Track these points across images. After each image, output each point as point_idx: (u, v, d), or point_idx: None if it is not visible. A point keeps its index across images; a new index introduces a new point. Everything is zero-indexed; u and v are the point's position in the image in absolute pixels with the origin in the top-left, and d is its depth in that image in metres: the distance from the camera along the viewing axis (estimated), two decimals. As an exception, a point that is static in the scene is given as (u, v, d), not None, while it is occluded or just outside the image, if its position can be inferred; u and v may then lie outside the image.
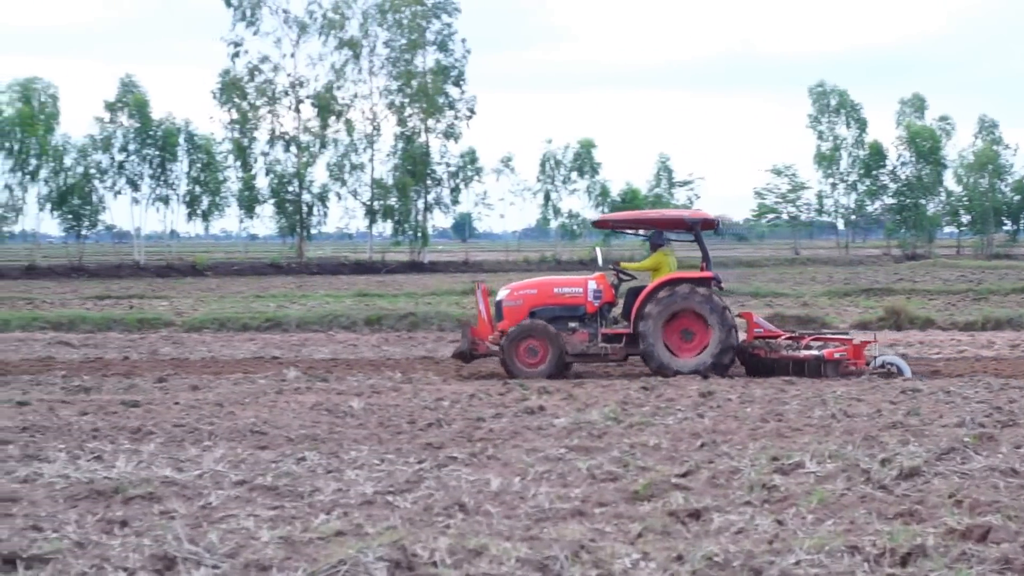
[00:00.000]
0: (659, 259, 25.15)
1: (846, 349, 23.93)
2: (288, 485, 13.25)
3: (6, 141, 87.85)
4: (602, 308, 24.84)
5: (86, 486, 13.06)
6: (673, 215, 26.65)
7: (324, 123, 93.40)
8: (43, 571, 9.97)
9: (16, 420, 17.86)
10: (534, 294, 25.04)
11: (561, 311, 24.79)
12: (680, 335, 24.17)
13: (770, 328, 25.39)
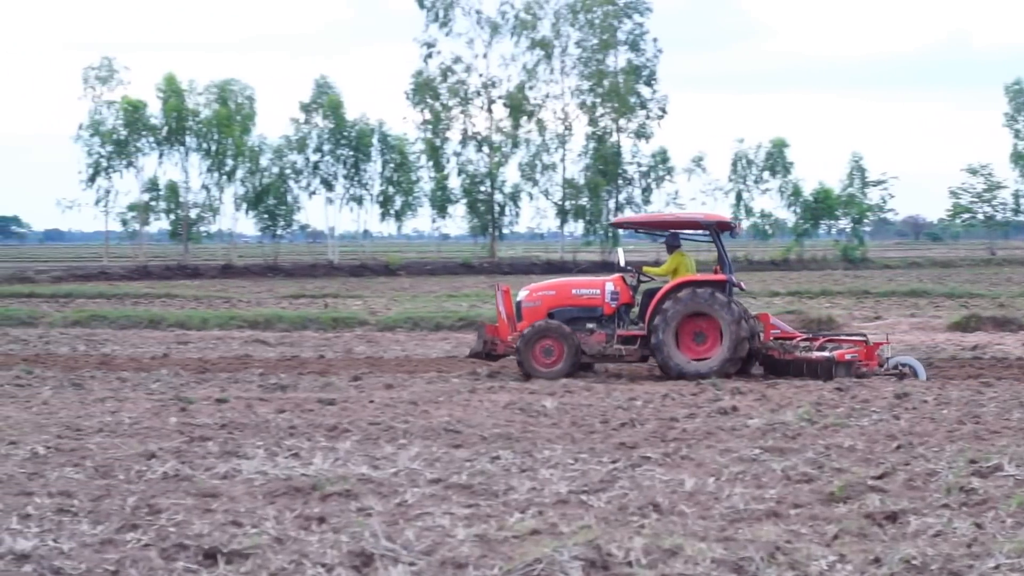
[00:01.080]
0: (677, 261, 25.28)
1: (858, 350, 23.85)
2: (483, 483, 13.31)
3: (204, 142, 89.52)
4: (620, 309, 24.86)
5: (284, 483, 13.27)
6: (688, 217, 27.12)
7: (516, 123, 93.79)
8: (243, 566, 10.14)
9: (215, 417, 18.21)
10: (553, 295, 25.20)
11: (579, 312, 24.91)
12: (693, 337, 24.14)
13: (787, 329, 25.31)
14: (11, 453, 15.10)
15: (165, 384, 22.86)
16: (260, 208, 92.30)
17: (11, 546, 10.41)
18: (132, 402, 20.14)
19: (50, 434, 16.58)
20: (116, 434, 16.71)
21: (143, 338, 33.43)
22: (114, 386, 22.55)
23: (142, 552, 10.41)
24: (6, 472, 13.88)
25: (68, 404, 19.88)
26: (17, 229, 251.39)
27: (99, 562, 10.13)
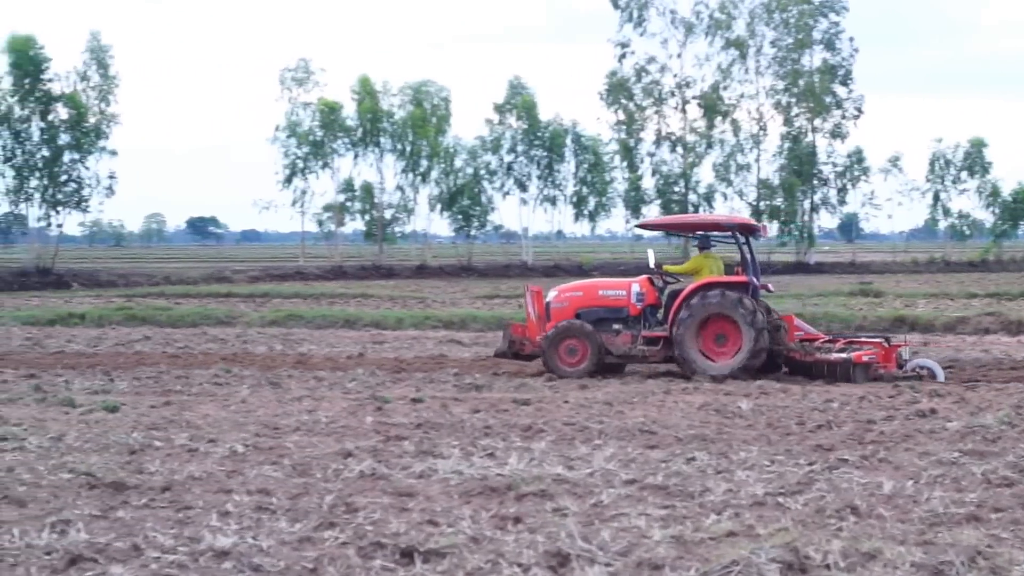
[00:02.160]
0: (699, 262, 25.42)
1: (875, 352, 23.78)
2: (678, 485, 13.22)
3: (398, 143, 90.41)
4: (645, 310, 25.01)
5: (480, 482, 13.30)
6: (711, 219, 26.95)
7: (710, 123, 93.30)
8: (440, 565, 10.17)
9: (411, 417, 18.33)
10: (580, 296, 25.48)
11: (605, 313, 25.11)
12: (714, 339, 24.16)
13: (811, 331, 25.30)
14: (210, 451, 15.35)
15: (361, 383, 23.08)
16: (454, 209, 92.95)
17: (211, 543, 10.58)
18: (329, 401, 20.36)
19: (248, 432, 16.83)
20: (313, 433, 16.90)
21: (339, 338, 33.81)
22: (311, 385, 22.82)
23: (340, 550, 10.51)
24: (206, 470, 14.10)
25: (266, 403, 20.17)
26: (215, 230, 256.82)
27: (297, 560, 10.24)
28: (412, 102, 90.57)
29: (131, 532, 11.05)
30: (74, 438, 16.16)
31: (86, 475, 13.56)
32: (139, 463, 14.42)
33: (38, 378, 23.59)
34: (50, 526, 11.21)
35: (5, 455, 14.97)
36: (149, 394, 21.53)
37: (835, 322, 35.73)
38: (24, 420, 17.79)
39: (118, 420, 17.92)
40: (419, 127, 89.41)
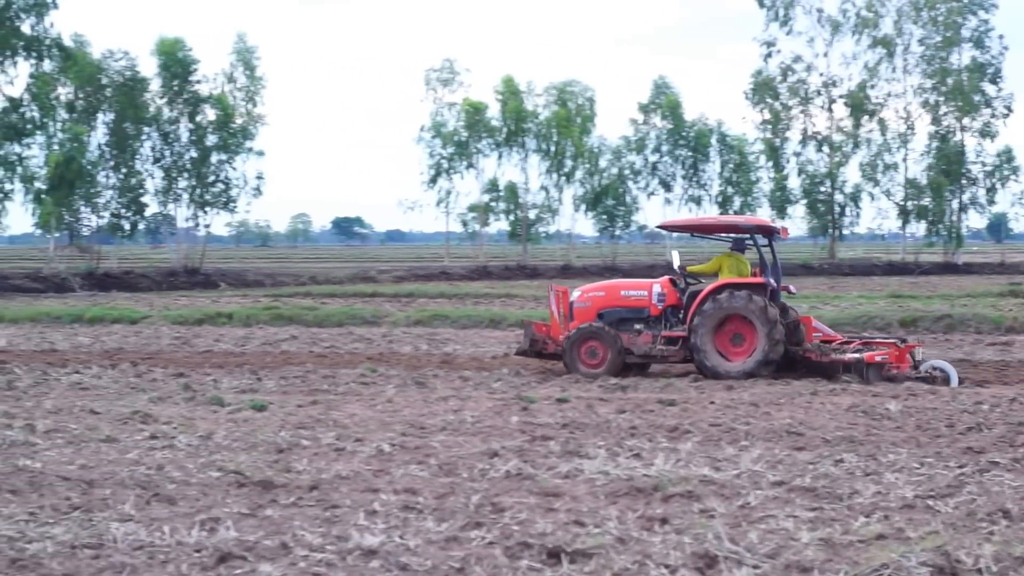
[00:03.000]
0: (720, 262, 25.45)
1: (888, 353, 23.84)
2: (826, 487, 13.09)
3: (543, 143, 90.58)
4: (666, 310, 25.16)
5: (626, 483, 13.25)
6: (730, 221, 27.44)
7: (857, 122, 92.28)
8: (587, 565, 10.15)
9: (556, 417, 18.32)
10: (602, 296, 25.69)
11: (627, 313, 25.32)
12: (731, 339, 24.31)
13: (828, 332, 25.36)
14: (357, 450, 15.45)
15: (506, 383, 23.14)
16: (598, 209, 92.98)
17: (359, 542, 10.64)
18: (474, 401, 20.43)
19: (395, 432, 16.92)
20: (459, 432, 16.95)
21: (484, 337, 33.89)
22: (456, 385, 22.90)
23: (487, 550, 10.52)
24: (353, 469, 14.20)
25: (412, 402, 20.27)
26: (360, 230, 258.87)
27: (444, 559, 10.27)
28: (557, 102, 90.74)
29: (279, 530, 11.15)
30: (223, 437, 16.35)
31: (235, 473, 13.72)
32: (287, 462, 14.56)
33: (187, 377, 23.93)
34: (200, 524, 11.35)
35: (155, 453, 15.19)
36: (296, 393, 21.74)
37: (984, 323, 35.23)
38: (174, 419, 18.05)
39: (266, 419, 18.11)
40: (564, 127, 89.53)
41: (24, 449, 15.44)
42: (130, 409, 18.90)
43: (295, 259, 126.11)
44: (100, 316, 41.01)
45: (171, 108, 79.01)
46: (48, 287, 65.37)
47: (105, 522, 11.44)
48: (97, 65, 77.10)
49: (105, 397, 20.88)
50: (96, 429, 16.90)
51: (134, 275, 73.66)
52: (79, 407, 19.30)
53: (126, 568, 10.04)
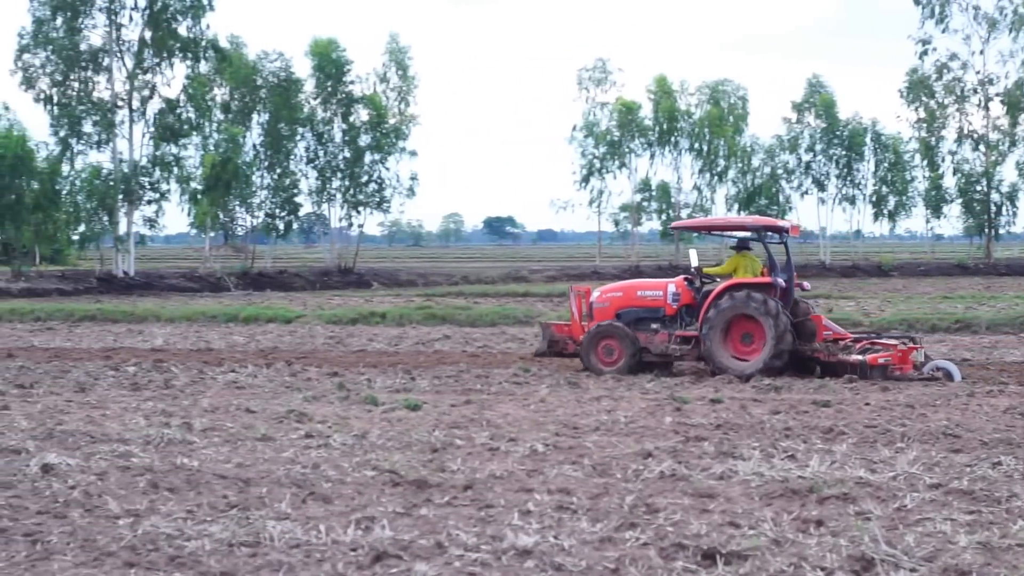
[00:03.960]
0: (735, 262, 25.83)
1: (891, 354, 24.02)
2: (984, 490, 12.90)
3: (695, 142, 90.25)
4: (681, 310, 25.53)
5: (780, 484, 13.16)
6: (738, 221, 27.95)
7: (1013, 121, 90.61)
8: (742, 567, 10.09)
9: (710, 417, 18.25)
10: (620, 296, 26.21)
11: (644, 312, 25.76)
12: (741, 338, 24.66)
13: (839, 331, 25.49)
14: (511, 450, 15.48)
15: (659, 384, 23.07)
16: (751, 208, 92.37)
17: (513, 542, 10.66)
18: (627, 401, 20.39)
19: (548, 432, 16.93)
20: (612, 433, 16.93)
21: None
22: (609, 385, 22.87)
23: (641, 551, 10.50)
24: (506, 469, 14.23)
25: (565, 402, 20.29)
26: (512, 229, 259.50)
27: (599, 560, 10.26)
28: (709, 101, 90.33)
29: (434, 530, 11.21)
30: (377, 436, 16.48)
31: (389, 472, 13.82)
32: (441, 461, 14.63)
33: (341, 376, 24.16)
34: (355, 522, 11.45)
35: (311, 452, 15.34)
36: (449, 393, 21.85)
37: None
38: (328, 418, 18.23)
39: (420, 418, 18.22)
40: (716, 126, 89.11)
41: (182, 447, 15.68)
42: (285, 408, 19.15)
43: (447, 259, 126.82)
44: (255, 315, 41.56)
45: (325, 108, 79.83)
46: (204, 286, 66.43)
47: (262, 520, 11.57)
48: (252, 66, 78.15)
49: (261, 396, 21.15)
50: (252, 428, 17.12)
51: (288, 274, 74.59)
52: (235, 406, 19.57)
53: (283, 566, 10.15)
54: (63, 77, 68.49)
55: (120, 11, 68.79)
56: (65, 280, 65.46)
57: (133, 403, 20.06)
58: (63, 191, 69.55)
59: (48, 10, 68.12)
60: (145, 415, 18.41)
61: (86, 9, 68.49)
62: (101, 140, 69.30)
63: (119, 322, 41.26)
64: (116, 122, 69.11)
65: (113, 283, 65.77)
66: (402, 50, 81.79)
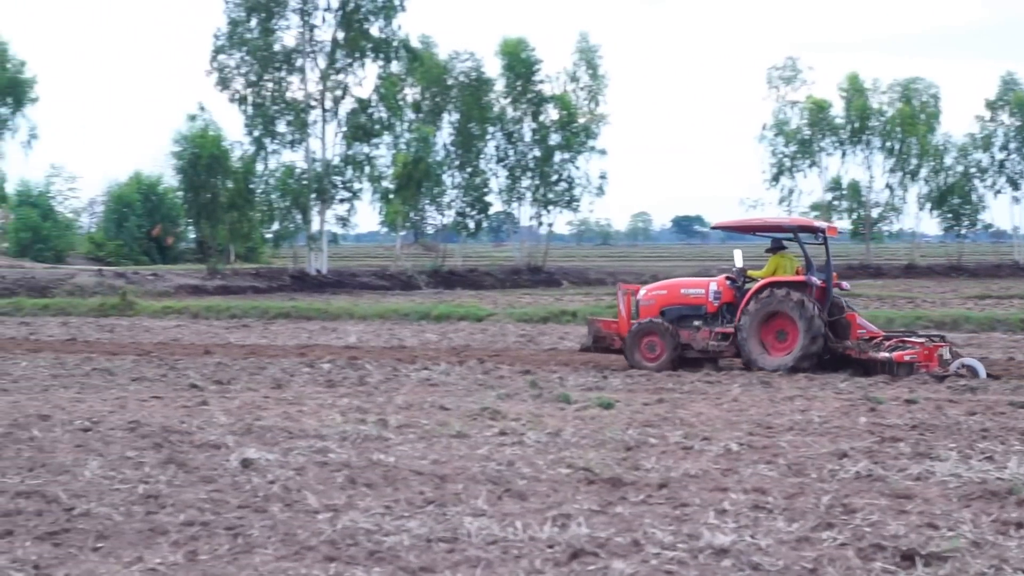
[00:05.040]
0: (776, 263, 26.48)
1: (917, 351, 24.53)
2: None
3: (887, 141, 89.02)
4: (722, 308, 26.23)
5: (979, 486, 12.99)
6: (774, 221, 28.67)
7: None
8: (941, 569, 9.99)
9: (905, 418, 18.05)
10: (664, 294, 27.00)
11: (687, 310, 26.51)
12: (775, 335, 25.30)
13: (872, 329, 26.06)
14: (705, 449, 15.47)
15: (853, 383, 22.84)
16: (944, 208, 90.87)
17: (710, 540, 10.66)
18: (820, 401, 20.24)
19: (741, 431, 16.88)
20: (806, 432, 16.82)
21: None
22: (802, 385, 22.71)
23: (839, 551, 10.43)
24: (701, 468, 14.22)
25: (757, 402, 20.21)
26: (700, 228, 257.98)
27: (796, 559, 10.21)
28: (901, 99, 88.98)
29: (630, 528, 11.24)
30: (571, 434, 16.54)
31: (584, 470, 13.88)
32: (635, 460, 14.66)
33: (533, 374, 24.31)
34: (551, 520, 11.51)
35: (505, 449, 15.45)
36: (642, 392, 21.88)
37: None
38: (522, 415, 18.33)
39: (613, 417, 18.26)
40: (908, 125, 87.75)
41: (378, 444, 15.88)
42: (479, 405, 19.29)
43: (635, 258, 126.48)
44: (447, 313, 41.92)
45: (515, 108, 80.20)
46: (395, 284, 67.19)
47: (458, 516, 11.69)
48: (443, 66, 78.78)
49: (454, 393, 21.35)
50: (447, 425, 17.29)
51: (478, 273, 75.13)
52: (429, 403, 19.79)
53: (480, 562, 10.24)
54: (257, 77, 69.77)
55: (313, 12, 69.96)
56: (259, 278, 66.69)
57: (329, 399, 20.38)
58: (257, 190, 70.89)
59: (243, 11, 69.46)
60: (341, 411, 18.68)
61: (280, 10, 69.72)
62: (294, 140, 70.48)
63: (313, 319, 41.93)
64: (309, 122, 70.24)
65: (306, 281, 66.82)
66: (592, 49, 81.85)
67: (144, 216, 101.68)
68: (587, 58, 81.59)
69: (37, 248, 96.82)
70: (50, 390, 22.18)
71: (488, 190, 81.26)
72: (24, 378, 24.18)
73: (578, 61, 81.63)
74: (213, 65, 69.81)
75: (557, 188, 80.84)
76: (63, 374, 24.88)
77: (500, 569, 10.10)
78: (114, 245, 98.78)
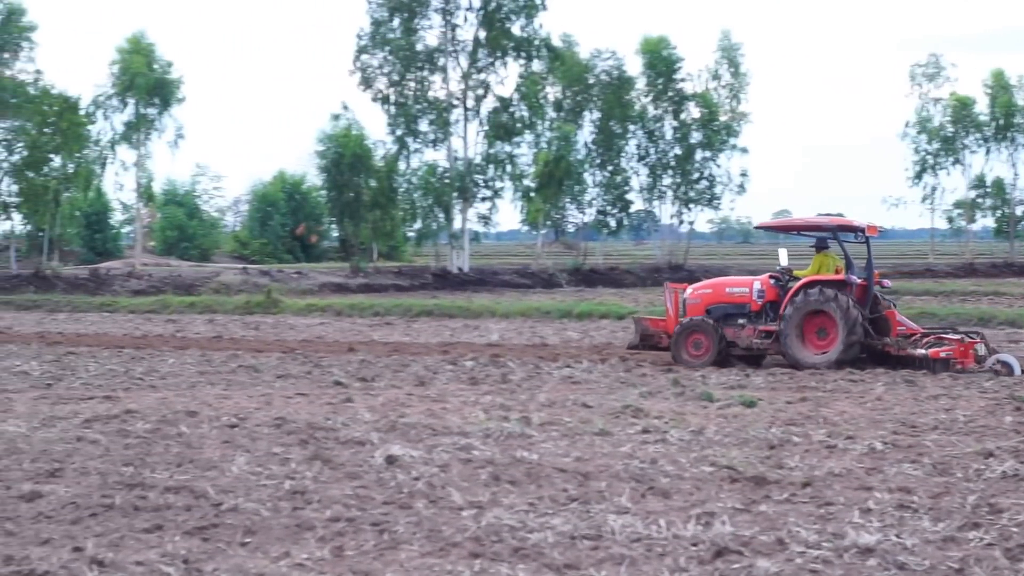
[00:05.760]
0: (820, 262, 27.02)
1: (952, 348, 25.05)
2: None
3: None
4: (765, 306, 26.70)
5: None
6: (814, 221, 28.66)
7: None
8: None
9: None
10: (710, 293, 27.59)
11: (732, 308, 27.03)
12: (816, 332, 25.75)
13: (911, 326, 26.60)
14: (849, 448, 15.39)
15: (998, 382, 22.56)
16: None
17: (854, 540, 10.62)
18: (966, 400, 20.03)
19: (886, 430, 16.76)
20: (951, 432, 16.66)
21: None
22: (946, 384, 22.46)
23: (985, 551, 10.35)
24: (844, 467, 14.15)
25: (901, 400, 20.05)
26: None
27: (942, 559, 10.15)
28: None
29: (774, 526, 11.22)
30: (713, 432, 16.53)
31: (727, 468, 13.87)
32: (778, 458, 14.63)
33: (675, 372, 24.30)
34: (695, 518, 11.53)
35: (648, 447, 15.48)
36: (784, 390, 21.80)
37: None
38: (664, 413, 18.35)
39: (755, 415, 18.22)
40: None
41: (521, 441, 15.97)
42: (621, 403, 19.31)
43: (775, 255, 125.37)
44: (588, 311, 41.97)
45: (656, 106, 79.97)
46: (536, 283, 67.29)
47: (602, 514, 11.73)
48: (584, 65, 78.74)
49: (596, 391, 21.40)
50: (589, 422, 17.35)
51: (618, 271, 75.00)
52: (571, 400, 19.86)
53: (625, 560, 10.27)
54: (400, 77, 70.23)
55: (455, 11, 70.24)
56: (401, 276, 67.17)
57: (472, 397, 20.51)
58: (400, 189, 71.36)
59: (386, 11, 69.94)
60: (484, 409, 18.80)
61: (422, 10, 70.11)
62: (436, 139, 70.84)
63: (455, 317, 42.19)
64: (451, 121, 70.57)
65: (448, 279, 67.17)
66: (734, 47, 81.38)
67: (288, 215, 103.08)
68: (729, 56, 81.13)
69: (183, 246, 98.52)
70: (197, 387, 22.59)
71: (629, 188, 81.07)
72: (172, 375, 24.62)
73: (720, 59, 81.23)
74: (356, 65, 70.41)
75: (698, 186, 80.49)
76: (210, 371, 25.31)
77: (644, 567, 10.13)
78: (258, 243, 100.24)
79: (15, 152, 67.38)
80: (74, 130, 67.37)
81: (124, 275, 66.25)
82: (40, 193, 66.90)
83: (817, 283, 26.07)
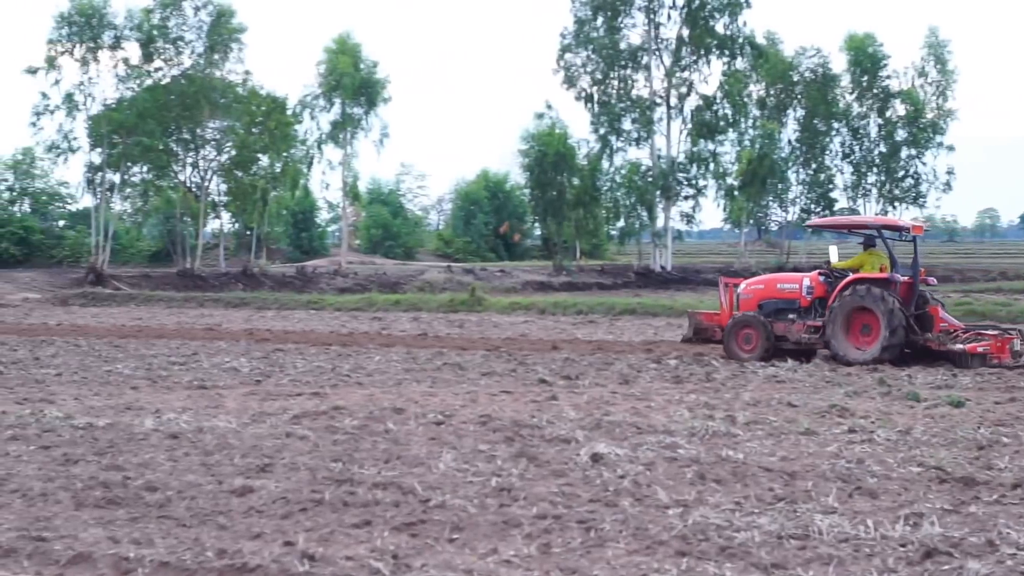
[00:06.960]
0: (862, 259, 27.48)
1: (989, 343, 25.71)
2: None
3: None
4: (814, 302, 27.25)
5: None
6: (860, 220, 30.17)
7: None
8: None
9: None
10: (762, 288, 28.29)
11: (782, 304, 27.68)
12: (861, 329, 26.23)
13: (953, 322, 27.05)
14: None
15: None
16: None
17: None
18: None
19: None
20: None
21: None
22: None
23: None
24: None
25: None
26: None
27: None
28: None
29: (984, 528, 11.07)
30: (921, 432, 16.34)
31: (935, 469, 13.70)
32: (987, 459, 14.42)
33: (882, 372, 24.07)
34: (903, 518, 11.42)
35: (854, 447, 15.35)
36: (993, 390, 21.50)
37: None
38: (871, 413, 18.18)
39: (964, 415, 17.99)
40: None
41: (726, 440, 15.93)
42: (827, 403, 19.22)
43: (982, 255, 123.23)
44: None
45: (860, 103, 79.14)
46: (739, 282, 66.95)
47: (809, 513, 11.67)
48: (788, 62, 78.23)
49: (801, 391, 21.29)
50: (795, 422, 17.26)
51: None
52: (776, 400, 19.79)
53: (832, 560, 10.22)
54: (603, 75, 70.51)
55: (659, 10, 70.32)
56: (604, 274, 67.38)
57: (676, 395, 20.53)
58: (603, 187, 71.55)
59: (589, 10, 70.24)
60: (689, 407, 18.79)
61: (626, 9, 70.29)
62: (640, 137, 70.95)
63: (658, 315, 42.18)
64: (654, 119, 70.59)
65: (650, 277, 67.22)
66: (942, 44, 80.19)
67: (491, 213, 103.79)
68: (936, 53, 79.97)
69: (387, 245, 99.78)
70: (403, 384, 22.88)
71: (833, 186, 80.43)
72: (378, 372, 24.97)
73: (927, 56, 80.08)
74: (560, 64, 70.91)
75: (903, 184, 79.49)
76: (415, 368, 25.63)
77: (852, 567, 10.07)
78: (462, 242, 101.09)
79: (224, 152, 68.93)
80: (281, 130, 68.78)
81: (330, 273, 67.44)
82: (248, 192, 68.38)
83: (866, 280, 26.51)
